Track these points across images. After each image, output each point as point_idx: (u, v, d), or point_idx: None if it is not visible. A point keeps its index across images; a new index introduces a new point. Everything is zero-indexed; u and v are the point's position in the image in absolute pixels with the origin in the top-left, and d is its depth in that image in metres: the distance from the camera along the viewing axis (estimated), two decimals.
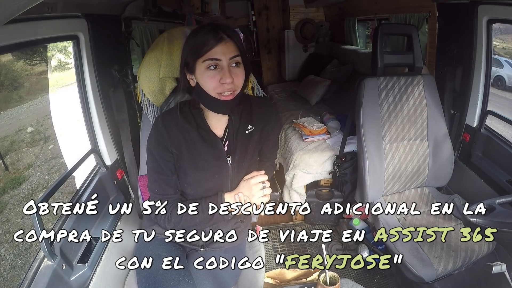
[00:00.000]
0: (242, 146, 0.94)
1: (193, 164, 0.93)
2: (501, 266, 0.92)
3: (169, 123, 0.91)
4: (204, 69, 0.83)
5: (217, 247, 1.08)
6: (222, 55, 0.81)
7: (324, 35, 3.66)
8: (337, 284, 0.73)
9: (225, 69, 0.82)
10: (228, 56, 0.82)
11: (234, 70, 0.84)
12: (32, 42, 0.91)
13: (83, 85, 1.23)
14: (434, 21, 1.71)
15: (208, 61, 0.81)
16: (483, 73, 1.47)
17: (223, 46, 0.81)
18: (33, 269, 0.91)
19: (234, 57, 0.82)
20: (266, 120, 0.97)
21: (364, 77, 1.52)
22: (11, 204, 3.60)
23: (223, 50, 0.81)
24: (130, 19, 1.44)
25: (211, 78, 0.82)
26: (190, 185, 0.97)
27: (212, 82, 0.82)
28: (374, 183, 1.51)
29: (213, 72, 0.82)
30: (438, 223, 1.41)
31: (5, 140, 4.84)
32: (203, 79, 0.84)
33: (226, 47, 0.82)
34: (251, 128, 0.94)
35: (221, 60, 0.81)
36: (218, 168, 0.94)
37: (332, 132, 2.08)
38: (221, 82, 0.82)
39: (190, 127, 0.91)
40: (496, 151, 1.48)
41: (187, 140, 0.91)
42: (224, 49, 0.81)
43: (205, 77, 0.83)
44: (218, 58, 0.81)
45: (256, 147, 0.99)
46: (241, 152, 0.94)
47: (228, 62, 0.82)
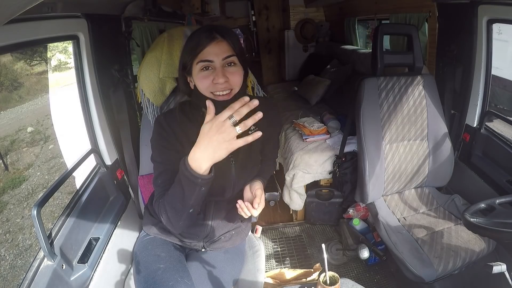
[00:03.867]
0: (245, 147, 0.93)
1: None
2: (501, 266, 0.92)
3: (171, 121, 0.92)
4: (198, 70, 0.84)
5: (217, 248, 1.08)
6: (215, 56, 0.82)
7: (324, 35, 3.66)
8: (337, 284, 0.73)
9: (218, 69, 0.82)
10: (221, 57, 0.82)
11: (229, 69, 0.83)
12: (32, 42, 0.91)
13: (83, 85, 1.23)
14: (434, 21, 1.71)
15: (201, 63, 0.82)
16: (483, 73, 1.47)
17: (215, 46, 0.82)
18: (33, 269, 0.91)
19: (228, 57, 0.83)
20: (269, 120, 0.96)
21: (364, 77, 1.52)
22: (11, 204, 3.60)
23: (215, 51, 0.82)
24: (130, 19, 1.44)
25: (204, 78, 0.83)
26: None
27: (205, 82, 0.83)
28: (374, 183, 1.51)
29: (207, 73, 0.83)
30: (438, 223, 1.41)
31: (5, 140, 4.84)
32: (197, 80, 0.85)
33: (219, 47, 0.82)
34: (254, 129, 0.92)
35: (213, 61, 0.82)
36: (220, 169, 0.91)
37: (332, 132, 2.08)
38: (213, 82, 0.82)
39: (192, 125, 0.90)
40: (496, 151, 1.48)
41: (189, 138, 0.89)
42: (216, 49, 0.82)
43: (199, 77, 0.84)
44: (211, 59, 0.82)
45: (259, 148, 0.98)
46: (244, 153, 0.93)
47: (222, 63, 0.82)
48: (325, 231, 2.07)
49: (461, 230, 1.35)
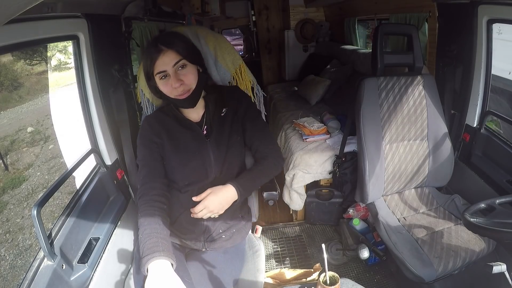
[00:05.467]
0: (218, 127, 1.06)
1: (175, 148, 1.04)
2: (501, 266, 0.92)
3: (151, 120, 1.08)
4: (158, 79, 0.97)
5: (217, 247, 1.08)
6: (165, 66, 0.94)
7: (324, 35, 3.66)
8: (337, 284, 0.73)
9: (171, 75, 0.94)
10: (170, 65, 0.94)
11: (182, 72, 0.96)
12: (32, 42, 0.91)
13: (83, 85, 1.23)
14: (434, 21, 1.70)
15: (158, 74, 0.96)
16: (483, 73, 1.47)
17: (164, 57, 0.93)
18: (33, 269, 0.91)
19: (177, 62, 0.94)
20: (237, 101, 1.09)
21: (364, 77, 1.52)
22: (11, 204, 3.61)
23: (165, 61, 0.93)
24: (130, 19, 1.44)
25: (164, 86, 0.97)
26: (175, 169, 1.05)
27: (165, 89, 0.97)
28: (374, 183, 1.51)
29: (165, 81, 0.96)
30: (438, 223, 1.41)
31: (5, 140, 4.84)
32: (161, 87, 0.98)
33: (166, 56, 0.93)
34: (225, 110, 1.07)
35: (166, 70, 0.94)
36: (197, 149, 1.04)
37: (332, 132, 2.08)
38: (172, 87, 0.95)
39: (168, 118, 1.07)
40: (496, 151, 1.48)
41: (167, 129, 1.05)
42: (165, 59, 0.93)
43: (161, 86, 0.98)
44: (163, 70, 0.94)
45: (233, 127, 1.07)
46: (217, 132, 1.05)
47: (173, 69, 0.94)
48: (325, 231, 2.07)
49: (461, 230, 1.35)
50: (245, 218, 1.17)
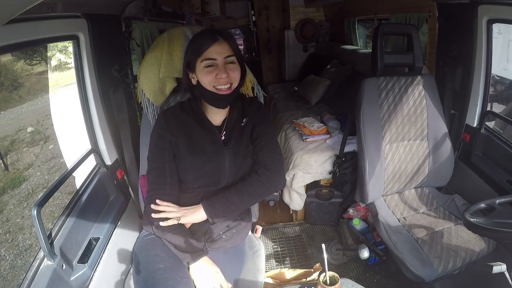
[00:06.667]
0: (237, 136, 1.05)
1: (191, 148, 1.01)
2: (501, 266, 0.92)
3: (168, 116, 1.04)
4: (202, 67, 0.95)
5: (217, 247, 1.08)
6: (217, 55, 0.94)
7: (324, 35, 3.66)
8: (337, 284, 0.73)
9: (220, 66, 0.94)
10: (223, 56, 0.94)
11: (229, 66, 0.95)
12: (32, 42, 0.91)
13: (83, 85, 1.23)
14: (434, 21, 1.70)
15: (205, 61, 0.94)
16: (483, 73, 1.47)
17: (218, 46, 0.94)
18: (33, 269, 0.91)
19: (228, 56, 0.95)
20: (255, 111, 1.09)
21: (364, 77, 1.52)
22: (11, 204, 3.60)
23: (218, 50, 0.93)
24: (130, 19, 1.44)
25: (208, 73, 0.94)
26: (188, 170, 1.02)
27: (209, 77, 0.94)
28: (374, 183, 1.51)
29: (210, 69, 0.94)
30: (438, 223, 1.41)
31: (5, 140, 4.84)
32: (201, 75, 0.96)
33: (221, 47, 0.94)
34: (245, 120, 1.06)
35: (216, 59, 0.94)
36: (214, 153, 1.02)
37: (332, 132, 2.08)
38: (217, 77, 0.94)
39: (188, 116, 1.03)
40: (496, 151, 1.48)
41: (185, 127, 1.02)
42: (219, 49, 0.94)
43: (203, 73, 0.95)
44: (214, 57, 0.93)
45: (250, 137, 1.07)
46: (235, 140, 1.03)
47: (223, 61, 0.94)
48: (325, 231, 2.07)
49: (461, 230, 1.35)
50: (245, 219, 1.17)
